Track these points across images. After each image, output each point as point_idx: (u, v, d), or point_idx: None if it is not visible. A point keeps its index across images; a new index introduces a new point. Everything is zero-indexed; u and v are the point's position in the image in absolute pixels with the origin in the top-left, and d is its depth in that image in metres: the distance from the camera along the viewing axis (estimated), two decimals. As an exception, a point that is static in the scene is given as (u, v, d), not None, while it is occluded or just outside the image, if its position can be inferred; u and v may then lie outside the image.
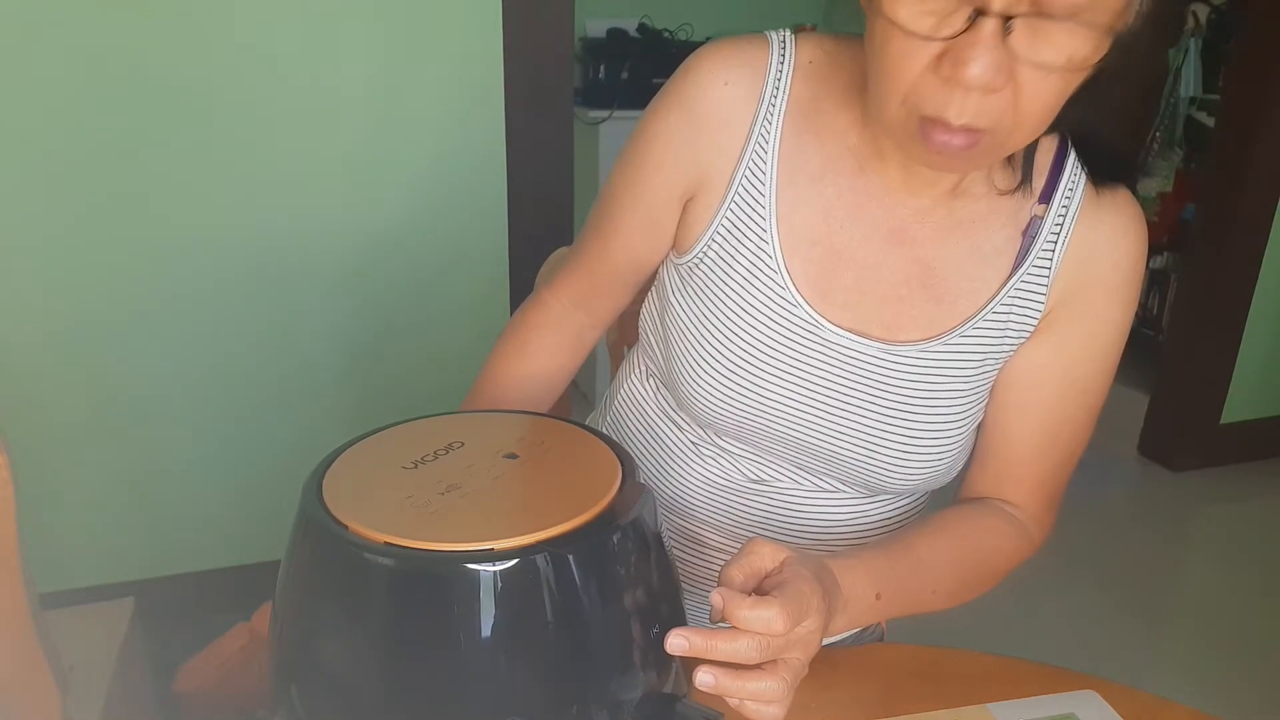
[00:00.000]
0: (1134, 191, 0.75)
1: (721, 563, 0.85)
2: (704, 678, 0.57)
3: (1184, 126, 3.09)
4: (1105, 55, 0.58)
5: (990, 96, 0.58)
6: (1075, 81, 0.59)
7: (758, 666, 0.59)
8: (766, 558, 0.62)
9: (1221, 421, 2.68)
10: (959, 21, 0.56)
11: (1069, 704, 0.70)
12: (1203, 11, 2.96)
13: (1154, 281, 3.22)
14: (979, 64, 0.56)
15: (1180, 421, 2.68)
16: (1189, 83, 3.03)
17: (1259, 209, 2.45)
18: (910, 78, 0.60)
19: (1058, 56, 0.57)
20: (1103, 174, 0.73)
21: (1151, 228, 0.76)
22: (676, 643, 0.56)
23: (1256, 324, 2.58)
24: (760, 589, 0.61)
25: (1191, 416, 2.67)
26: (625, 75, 2.82)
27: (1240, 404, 2.67)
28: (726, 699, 0.59)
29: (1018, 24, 0.55)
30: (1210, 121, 2.95)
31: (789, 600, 0.58)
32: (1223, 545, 2.43)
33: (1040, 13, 0.55)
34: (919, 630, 0.85)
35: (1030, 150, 0.72)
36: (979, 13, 0.55)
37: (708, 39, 2.80)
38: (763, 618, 0.57)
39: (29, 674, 0.79)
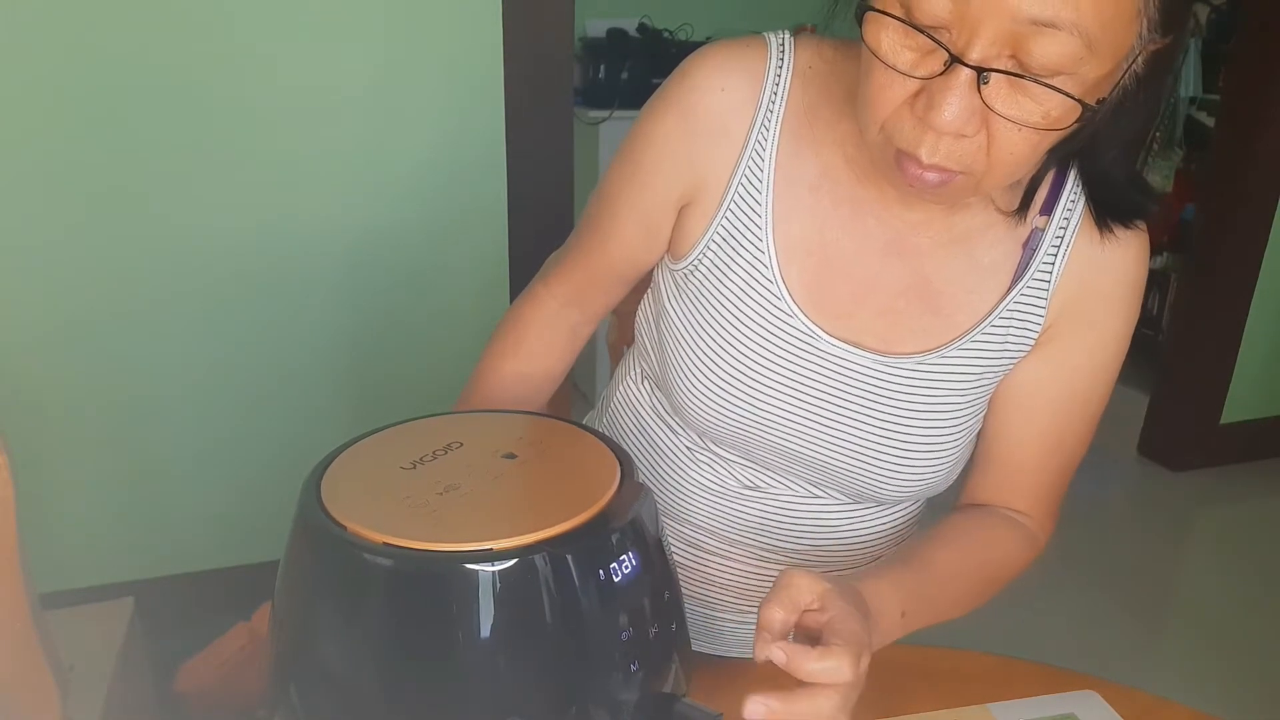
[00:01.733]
0: (1147, 217, 0.73)
1: (716, 566, 0.85)
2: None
3: (1184, 126, 3.09)
4: (1089, 118, 0.57)
5: (962, 141, 0.58)
6: (1052, 137, 0.58)
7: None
8: (804, 590, 0.60)
9: (1221, 421, 2.68)
10: (936, 64, 0.56)
11: (1069, 704, 0.70)
12: (1203, 11, 2.96)
13: (1154, 281, 3.22)
14: (950, 109, 0.56)
15: (1180, 421, 2.68)
16: (1189, 83, 3.03)
17: (1259, 209, 2.45)
18: (888, 109, 0.60)
19: (1033, 114, 0.56)
20: (1109, 214, 0.71)
21: (1151, 228, 0.75)
22: (756, 709, 0.55)
23: (1256, 324, 2.58)
24: (802, 623, 0.60)
25: (1191, 416, 2.67)
26: (625, 75, 2.82)
27: (1240, 404, 2.67)
28: None
29: (994, 77, 0.55)
30: (1210, 121, 2.95)
31: (850, 644, 0.57)
32: (1223, 545, 2.43)
33: (1018, 70, 0.55)
34: (919, 630, 0.85)
35: (1033, 176, 0.70)
36: (956, 59, 0.55)
37: (708, 39, 2.78)
38: (830, 669, 0.56)
39: (29, 674, 0.79)
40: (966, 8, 0.53)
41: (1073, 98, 0.55)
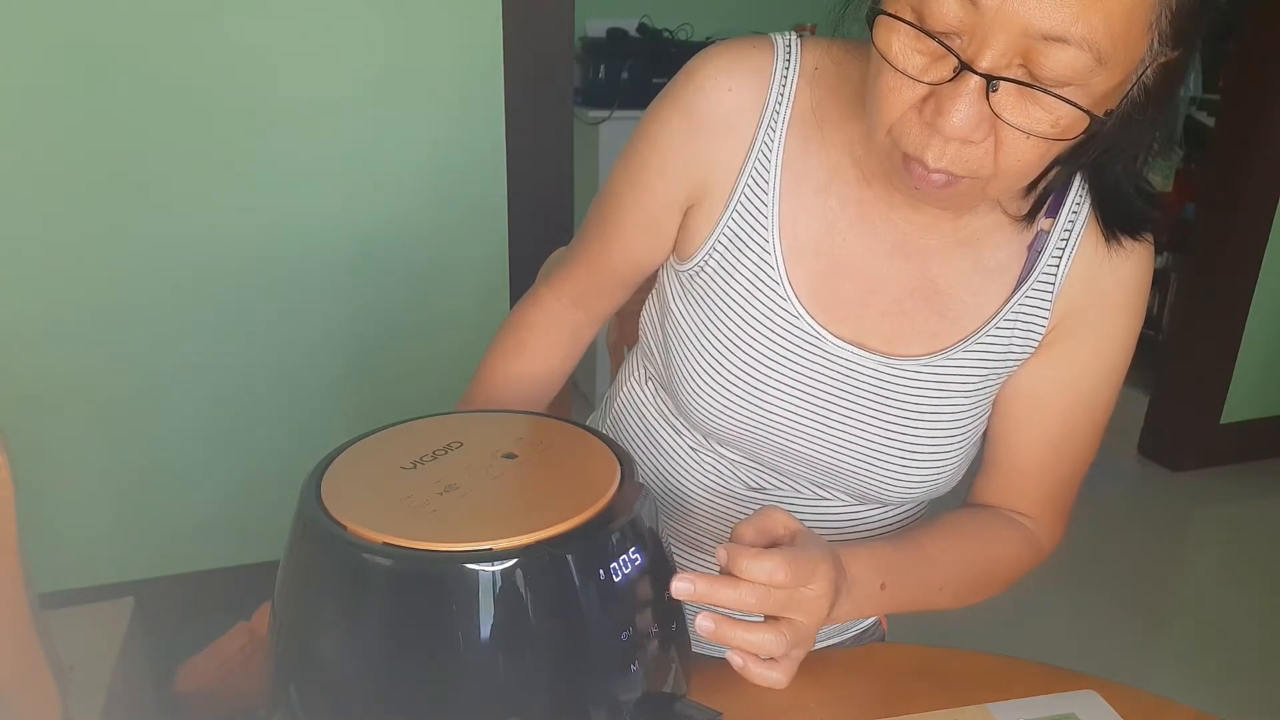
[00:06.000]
0: (1154, 230, 0.72)
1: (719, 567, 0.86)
2: (704, 623, 0.58)
3: (1184, 126, 3.09)
4: (1098, 129, 0.57)
5: (969, 146, 0.58)
6: (1060, 146, 0.58)
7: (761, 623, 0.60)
8: (779, 524, 0.63)
9: (1221, 421, 2.68)
10: (945, 70, 0.56)
11: (1069, 704, 0.70)
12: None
13: (1154, 281, 3.19)
14: (958, 116, 0.56)
15: (1180, 421, 2.68)
16: (1189, 83, 3.03)
17: (1259, 209, 2.45)
18: (896, 112, 0.60)
19: (1041, 122, 0.56)
20: (1116, 226, 0.71)
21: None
22: (681, 586, 0.57)
23: (1256, 324, 2.58)
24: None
25: (1191, 416, 2.67)
26: (625, 75, 2.82)
27: (1240, 404, 2.67)
28: (732, 662, 0.60)
29: (1003, 85, 0.55)
30: (1210, 121, 2.95)
31: (794, 555, 0.59)
32: (1223, 545, 2.43)
33: (1027, 79, 0.55)
34: (919, 630, 0.85)
35: (1040, 181, 0.70)
36: (966, 67, 0.55)
37: (708, 39, 2.78)
38: (765, 568, 0.58)
39: (29, 674, 0.79)
40: (979, 17, 0.53)
41: (1081, 108, 0.55)
